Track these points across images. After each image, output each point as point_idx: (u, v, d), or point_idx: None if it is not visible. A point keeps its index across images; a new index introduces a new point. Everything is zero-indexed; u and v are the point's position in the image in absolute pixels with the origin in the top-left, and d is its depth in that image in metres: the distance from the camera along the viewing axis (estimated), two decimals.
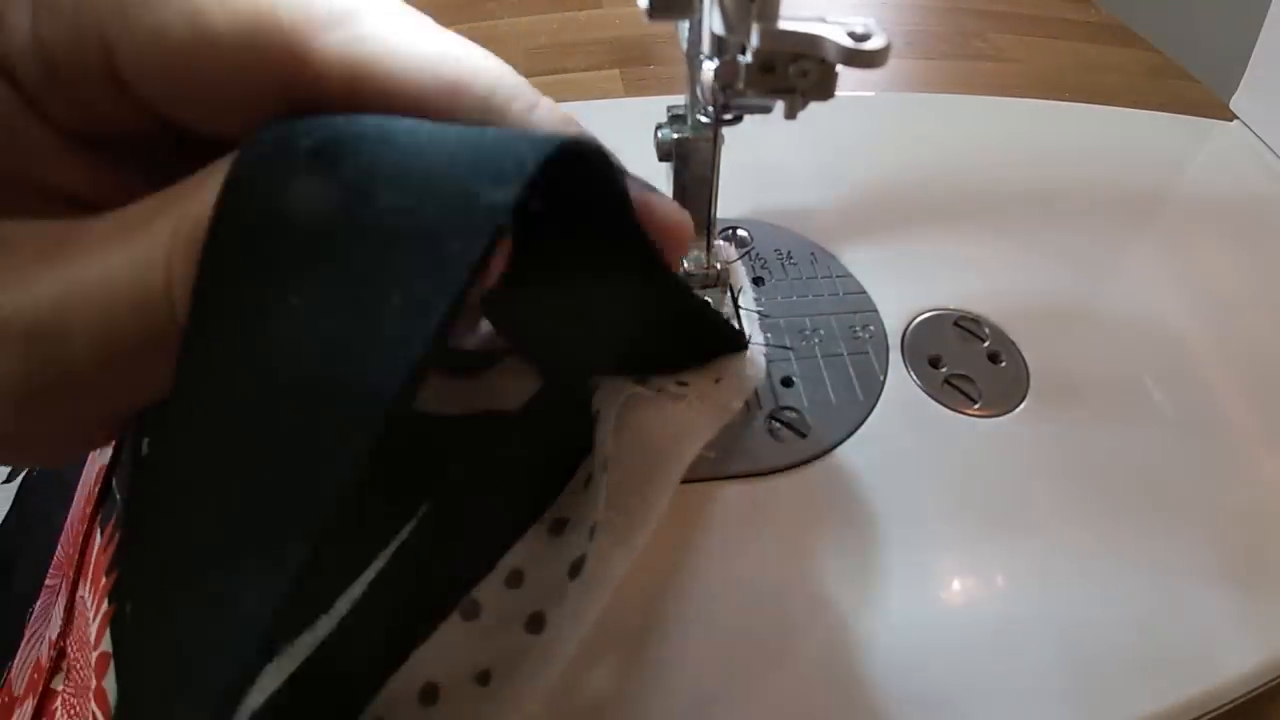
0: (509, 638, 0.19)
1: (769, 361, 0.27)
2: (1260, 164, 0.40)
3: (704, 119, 0.24)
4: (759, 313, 0.28)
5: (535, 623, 0.19)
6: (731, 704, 0.21)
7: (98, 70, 0.15)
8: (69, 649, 0.23)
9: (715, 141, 0.25)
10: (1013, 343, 0.29)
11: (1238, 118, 0.42)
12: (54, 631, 0.23)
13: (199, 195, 0.14)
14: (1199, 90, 0.49)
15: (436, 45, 0.16)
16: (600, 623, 0.20)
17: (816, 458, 0.25)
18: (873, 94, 0.44)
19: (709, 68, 0.20)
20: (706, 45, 0.20)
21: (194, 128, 0.16)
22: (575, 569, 0.20)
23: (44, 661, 0.23)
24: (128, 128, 0.16)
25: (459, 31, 0.16)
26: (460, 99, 0.16)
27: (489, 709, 0.18)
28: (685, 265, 0.27)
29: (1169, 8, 0.57)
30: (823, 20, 0.18)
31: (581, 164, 0.15)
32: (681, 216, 0.18)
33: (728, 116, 0.23)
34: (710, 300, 0.27)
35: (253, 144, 0.14)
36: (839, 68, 0.19)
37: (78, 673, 0.22)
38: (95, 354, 0.14)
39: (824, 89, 0.19)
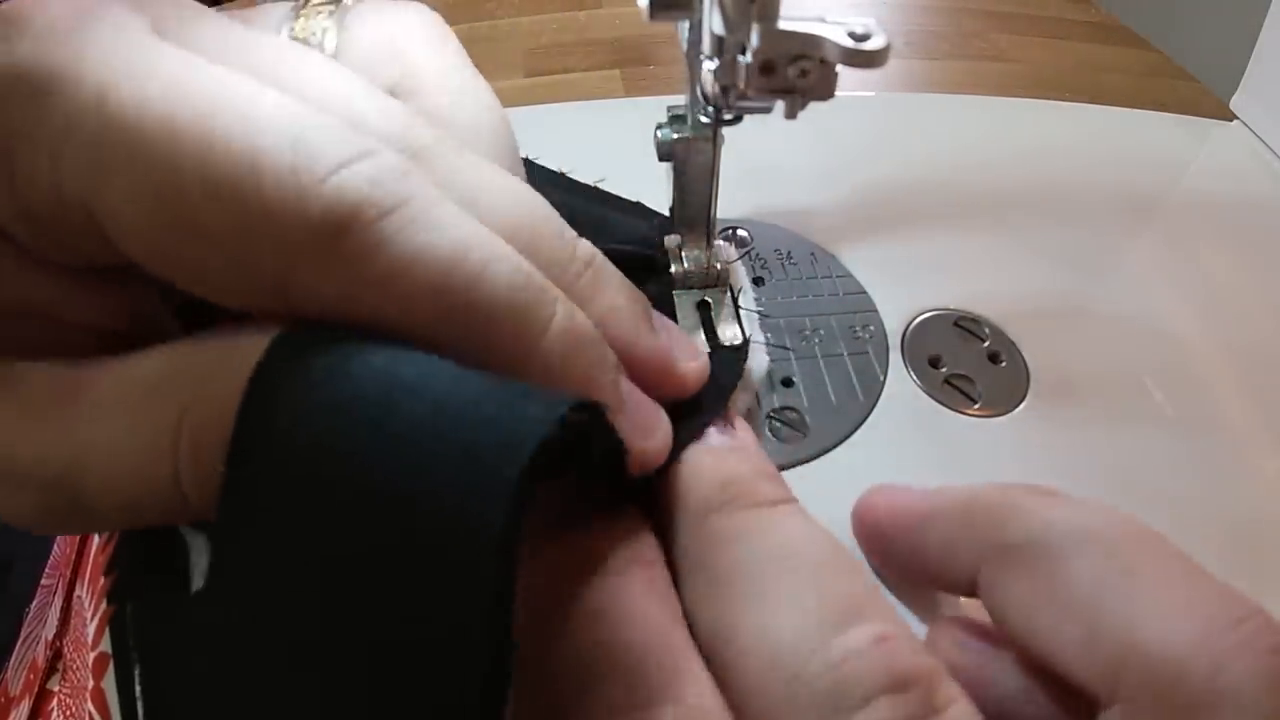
0: None
1: (770, 362, 0.27)
2: (1260, 164, 0.40)
3: (704, 119, 0.24)
4: (759, 313, 0.28)
5: None
6: None
7: (86, 233, 0.14)
8: (65, 649, 0.23)
9: (715, 141, 0.25)
10: (1013, 343, 0.29)
11: (1238, 118, 0.42)
12: (50, 632, 0.23)
13: (207, 385, 0.14)
14: (1199, 90, 0.49)
15: (440, 263, 0.14)
16: None
17: (816, 458, 0.25)
18: (873, 94, 0.44)
19: (709, 67, 0.20)
20: (706, 45, 0.20)
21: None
22: None
23: (40, 662, 0.23)
24: (127, 263, 0.16)
25: (459, 32, 0.16)
26: (464, 326, 0.15)
27: None
28: (685, 265, 0.27)
29: (1169, 8, 0.57)
30: (823, 20, 0.18)
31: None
32: (691, 369, 0.20)
33: (728, 116, 0.23)
34: (710, 300, 0.27)
35: (267, 371, 0.14)
36: (839, 68, 0.19)
37: (74, 673, 0.22)
38: (109, 508, 0.15)
39: (824, 89, 0.19)
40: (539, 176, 0.29)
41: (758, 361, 0.26)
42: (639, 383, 0.19)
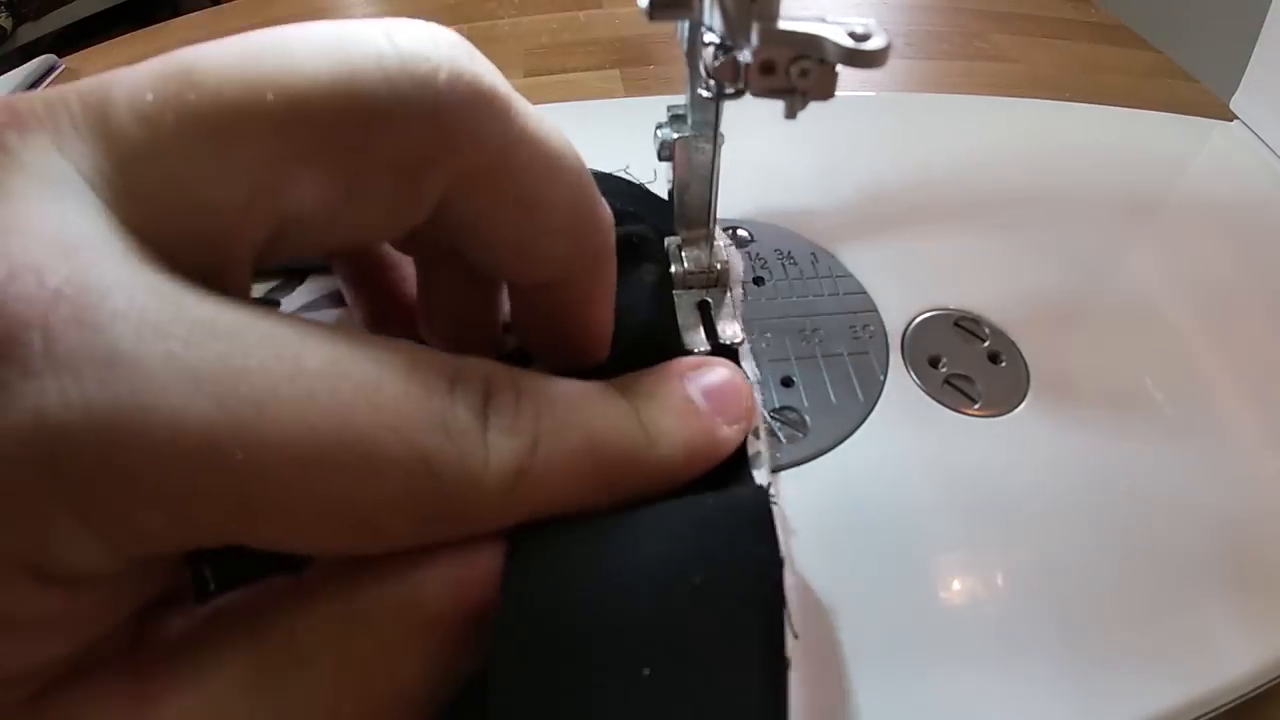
0: None
1: (770, 361, 0.27)
2: (1260, 164, 0.40)
3: (705, 93, 0.23)
4: (747, 294, 0.28)
5: None
6: None
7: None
8: None
9: (715, 140, 0.25)
10: (1013, 343, 0.29)
11: (1238, 118, 0.42)
12: None
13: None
14: (1199, 90, 0.49)
15: (582, 460, 0.16)
16: None
17: (816, 457, 0.25)
18: (873, 94, 0.44)
19: (712, 39, 0.20)
20: (707, 38, 0.20)
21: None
22: None
23: None
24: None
25: (459, 31, 0.16)
26: (610, 490, 0.17)
27: None
28: (685, 265, 0.27)
29: (1169, 8, 0.57)
30: (823, 20, 0.18)
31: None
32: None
33: (729, 91, 0.22)
34: (710, 300, 0.27)
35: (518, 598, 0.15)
36: (839, 68, 0.19)
37: None
38: None
39: (824, 89, 0.19)
40: None
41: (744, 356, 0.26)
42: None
